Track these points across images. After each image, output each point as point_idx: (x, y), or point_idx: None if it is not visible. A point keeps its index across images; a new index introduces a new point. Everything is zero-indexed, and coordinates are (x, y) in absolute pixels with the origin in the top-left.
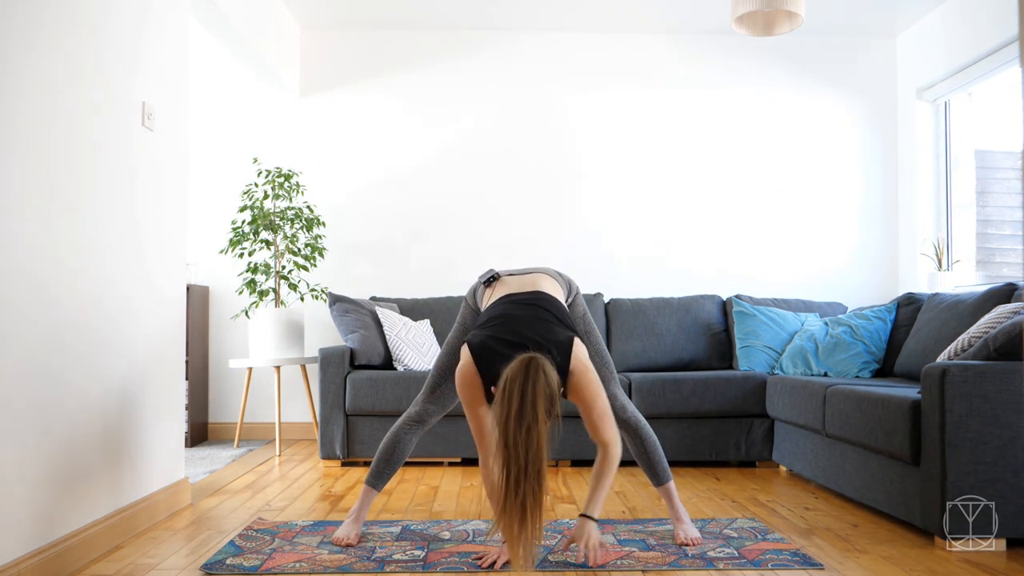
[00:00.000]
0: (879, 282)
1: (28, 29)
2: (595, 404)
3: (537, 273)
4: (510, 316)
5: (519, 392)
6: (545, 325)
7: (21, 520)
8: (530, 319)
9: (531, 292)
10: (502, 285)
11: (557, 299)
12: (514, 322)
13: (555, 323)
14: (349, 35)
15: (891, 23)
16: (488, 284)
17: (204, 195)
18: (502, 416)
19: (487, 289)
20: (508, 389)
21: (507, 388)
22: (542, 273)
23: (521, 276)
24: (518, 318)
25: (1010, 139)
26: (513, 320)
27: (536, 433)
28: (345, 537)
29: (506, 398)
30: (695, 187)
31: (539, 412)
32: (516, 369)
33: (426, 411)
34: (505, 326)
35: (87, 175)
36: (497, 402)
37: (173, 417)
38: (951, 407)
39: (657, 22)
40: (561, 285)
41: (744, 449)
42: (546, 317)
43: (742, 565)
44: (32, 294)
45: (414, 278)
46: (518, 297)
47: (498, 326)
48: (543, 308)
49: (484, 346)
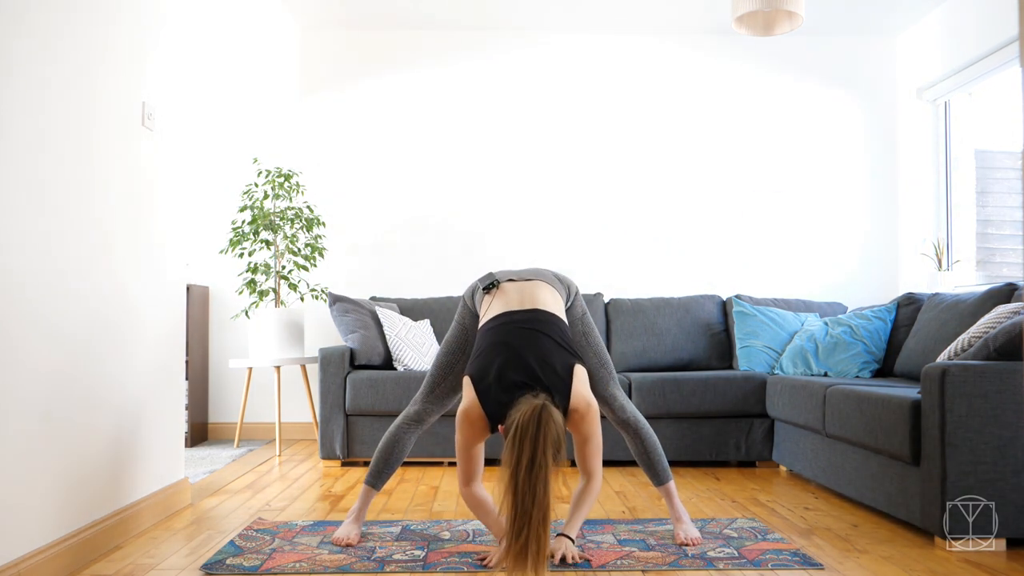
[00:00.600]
0: (879, 282)
1: (28, 29)
2: (591, 439)
3: (536, 281)
4: (511, 347)
5: (531, 443)
6: (545, 353)
7: (20, 520)
8: (530, 347)
9: (530, 311)
10: (501, 294)
11: (556, 315)
12: (516, 356)
13: (555, 348)
14: (349, 35)
15: (891, 23)
16: (487, 291)
17: (204, 195)
18: (512, 465)
19: (486, 295)
20: (519, 439)
21: (518, 437)
22: (541, 281)
23: (521, 284)
24: (518, 348)
25: (1010, 139)
26: (515, 354)
27: (544, 481)
28: (345, 537)
29: (516, 448)
30: (695, 187)
31: (548, 460)
32: (527, 417)
33: (425, 410)
34: (507, 362)
35: (87, 175)
36: (507, 450)
37: (173, 417)
38: (951, 407)
39: (657, 22)
40: (560, 291)
41: (744, 449)
42: (546, 345)
43: (742, 565)
44: (31, 294)
45: (414, 278)
46: (518, 318)
47: (500, 365)
48: (543, 333)
49: (489, 392)
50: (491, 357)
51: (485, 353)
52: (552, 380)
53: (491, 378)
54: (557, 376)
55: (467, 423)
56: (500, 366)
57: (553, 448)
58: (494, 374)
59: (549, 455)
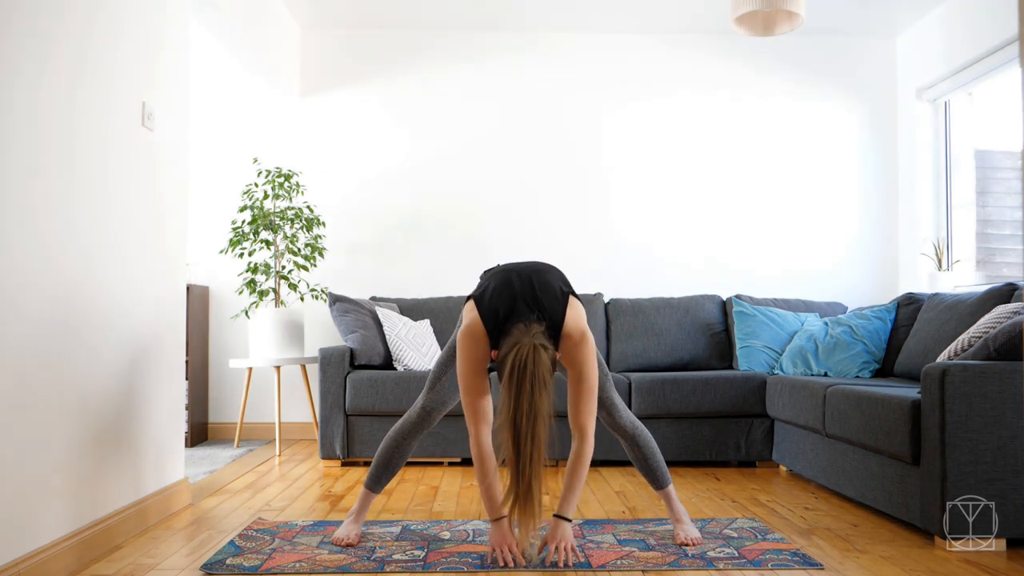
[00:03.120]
0: (879, 282)
1: (27, 29)
2: (585, 375)
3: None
4: (511, 273)
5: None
6: (545, 282)
7: (20, 520)
8: (531, 276)
9: (532, 262)
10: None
11: (558, 269)
12: (517, 278)
13: (555, 281)
14: (349, 35)
15: (891, 23)
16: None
17: (204, 195)
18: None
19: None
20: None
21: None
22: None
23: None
24: (519, 274)
25: (1010, 139)
26: (515, 276)
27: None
28: (345, 537)
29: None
30: (695, 187)
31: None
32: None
33: (426, 410)
34: (507, 283)
35: (86, 175)
36: (504, 394)
37: (173, 417)
38: (951, 407)
39: (656, 22)
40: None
41: (744, 449)
42: (545, 278)
43: (742, 565)
44: (30, 294)
45: (414, 278)
46: (519, 264)
47: (500, 284)
48: (544, 271)
49: (489, 305)
50: (492, 282)
51: (487, 281)
52: (550, 303)
53: (489, 293)
54: (555, 299)
55: (470, 337)
56: (499, 284)
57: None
58: (494, 291)
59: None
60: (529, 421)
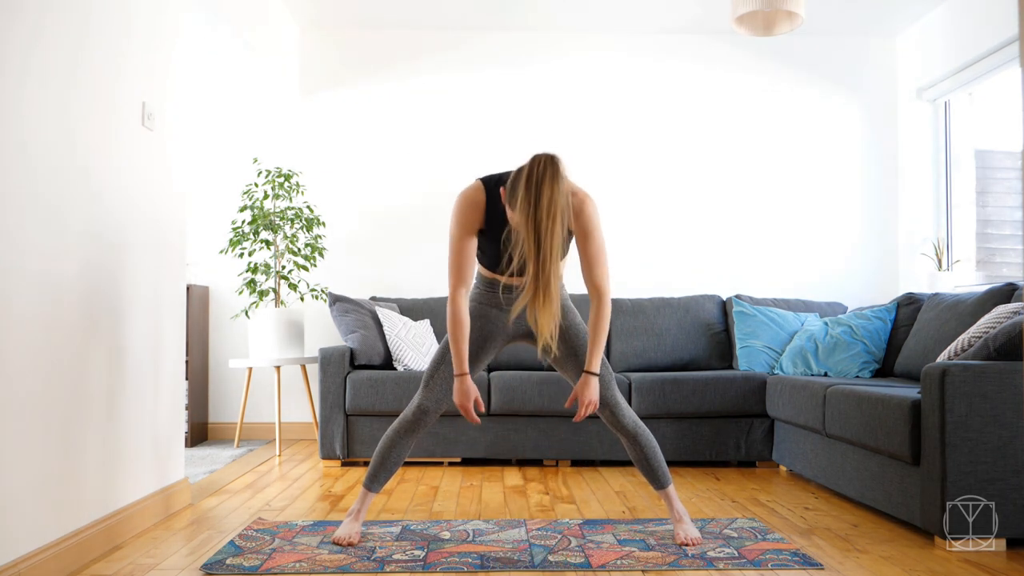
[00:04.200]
0: (879, 282)
1: (27, 29)
2: (591, 231)
3: None
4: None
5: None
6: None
7: (20, 520)
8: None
9: None
10: None
11: None
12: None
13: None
14: (349, 35)
15: (891, 23)
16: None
17: (204, 195)
18: (530, 207)
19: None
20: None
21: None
22: None
23: None
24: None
25: (1010, 139)
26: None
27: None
28: (345, 537)
29: (533, 191)
30: (695, 187)
31: (560, 199)
32: (541, 166)
33: (422, 408)
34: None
35: (86, 175)
36: (522, 198)
37: (173, 417)
38: (951, 407)
39: (656, 22)
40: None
41: (744, 449)
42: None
43: (742, 565)
44: (30, 293)
45: (414, 278)
46: None
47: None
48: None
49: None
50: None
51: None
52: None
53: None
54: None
55: (465, 201)
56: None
57: (564, 187)
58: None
59: (560, 195)
60: (549, 217)
